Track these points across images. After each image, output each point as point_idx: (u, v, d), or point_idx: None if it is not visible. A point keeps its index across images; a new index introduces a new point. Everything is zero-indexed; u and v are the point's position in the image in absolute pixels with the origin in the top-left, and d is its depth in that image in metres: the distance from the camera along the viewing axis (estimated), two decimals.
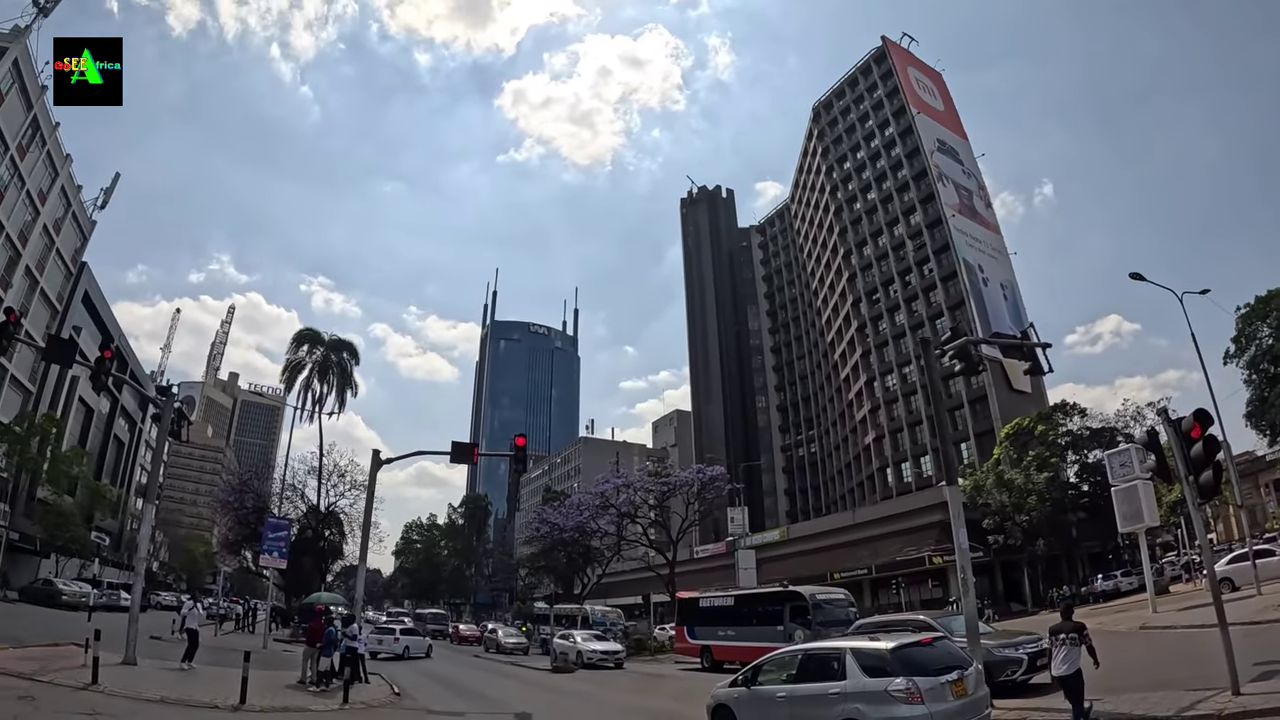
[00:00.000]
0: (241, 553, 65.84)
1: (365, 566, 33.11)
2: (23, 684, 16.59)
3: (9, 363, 55.32)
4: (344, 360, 61.18)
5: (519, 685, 29.26)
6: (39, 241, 61.00)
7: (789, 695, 13.18)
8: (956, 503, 19.01)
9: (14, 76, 51.47)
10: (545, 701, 23.32)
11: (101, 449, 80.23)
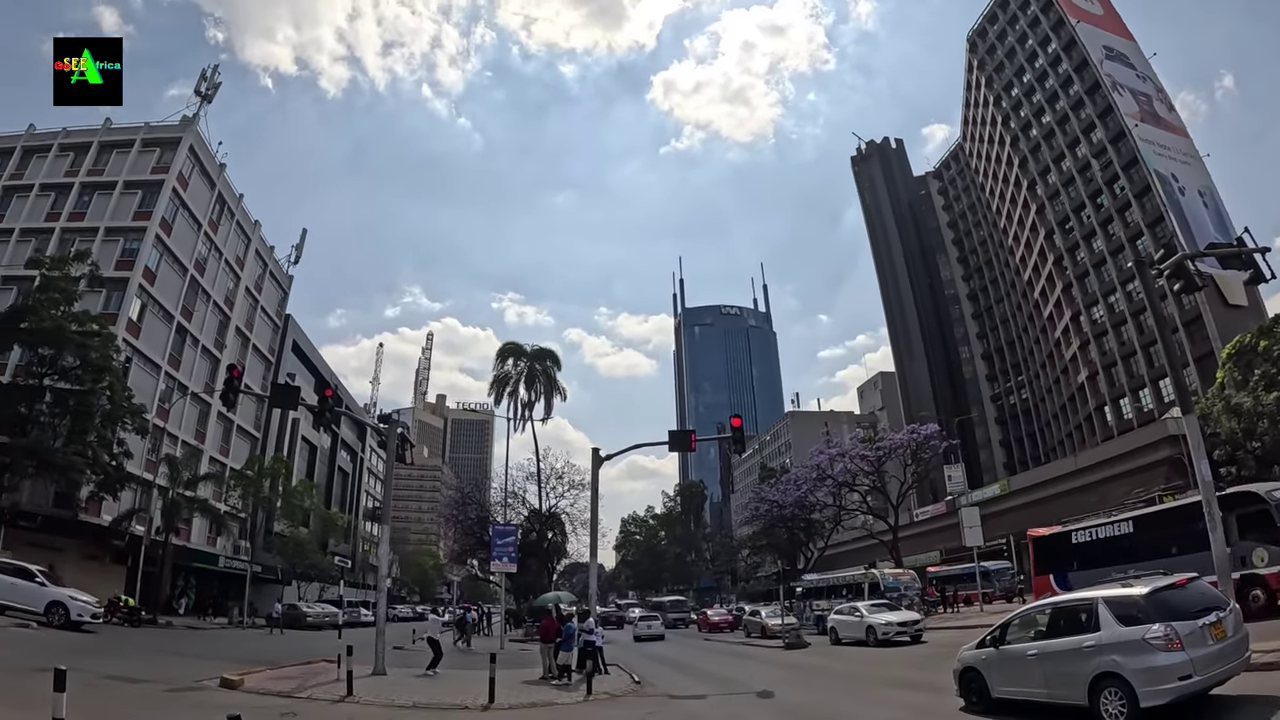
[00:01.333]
0: (469, 562, 69.60)
1: (596, 562, 33.75)
2: (284, 701, 17.34)
3: (234, 415, 61.56)
4: (547, 367, 62.94)
5: (755, 665, 28.49)
6: (244, 302, 67.55)
7: (1040, 652, 12.56)
8: (1195, 432, 17.93)
9: (193, 160, 57.25)
10: (783, 678, 22.86)
11: (328, 480, 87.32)
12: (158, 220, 53.30)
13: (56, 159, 57.80)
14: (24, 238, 54.02)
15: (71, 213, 54.80)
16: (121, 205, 54.31)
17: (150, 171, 55.35)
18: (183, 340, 57.85)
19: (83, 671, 16.74)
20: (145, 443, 48.84)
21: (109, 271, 49.34)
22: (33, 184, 56.70)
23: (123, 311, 49.87)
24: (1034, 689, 12.69)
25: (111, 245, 52.44)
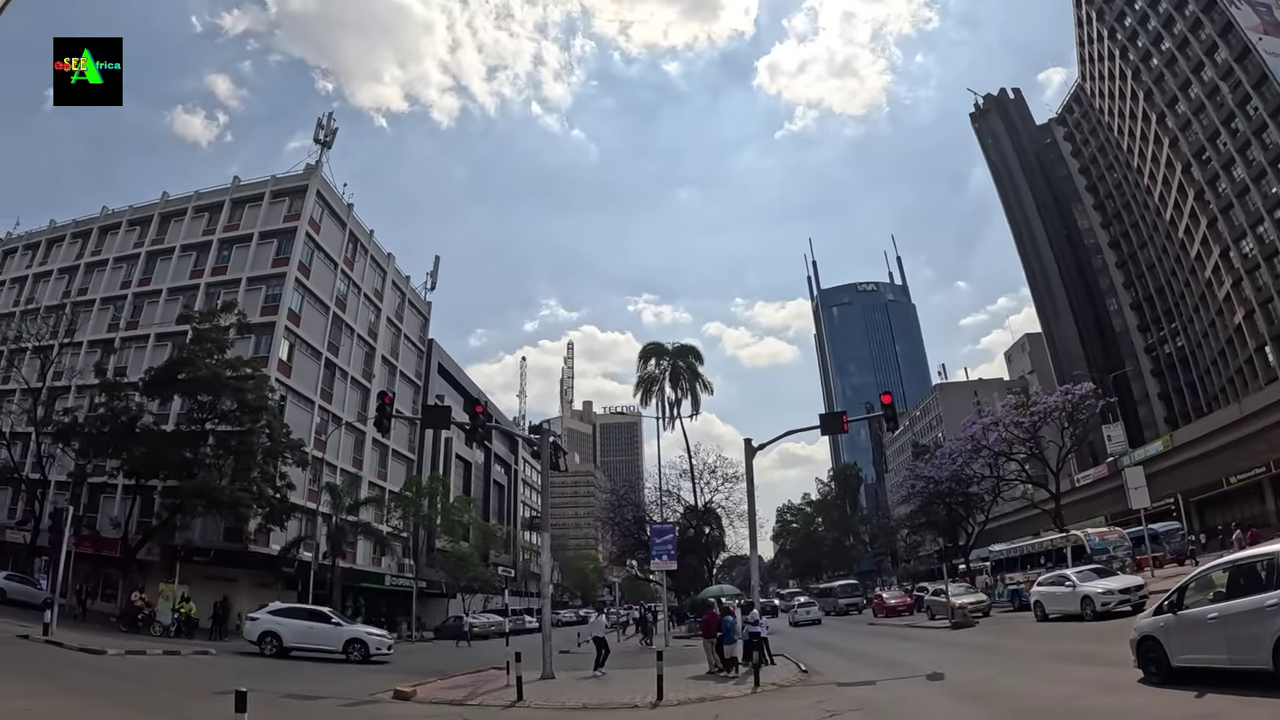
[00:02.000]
0: (628, 562, 70.83)
1: (756, 554, 33.86)
2: (456, 709, 17.80)
3: (389, 440, 64.59)
4: (690, 364, 63.64)
5: (922, 647, 28.05)
6: (387, 332, 70.74)
7: (1221, 614, 11.65)
8: None
9: (322, 204, 60.40)
10: (952, 658, 22.43)
11: (485, 495, 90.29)
12: (295, 264, 56.37)
13: (193, 220, 62.60)
14: (172, 296, 58.81)
15: (214, 268, 59.01)
16: (259, 255, 57.83)
17: (283, 220, 58.65)
18: (332, 374, 61.03)
19: (263, 693, 17.97)
20: (306, 474, 51.86)
21: (255, 318, 52.62)
22: (173, 246, 61.74)
23: (273, 353, 53.02)
24: (1216, 655, 11.89)
25: (255, 293, 55.96)
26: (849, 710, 14.85)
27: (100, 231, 67.95)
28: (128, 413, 45.13)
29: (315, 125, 62.18)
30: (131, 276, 63.04)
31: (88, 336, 60.07)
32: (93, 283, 64.94)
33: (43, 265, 69.71)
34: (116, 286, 63.28)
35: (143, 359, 54.47)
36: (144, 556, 46.32)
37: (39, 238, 72.15)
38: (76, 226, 70.22)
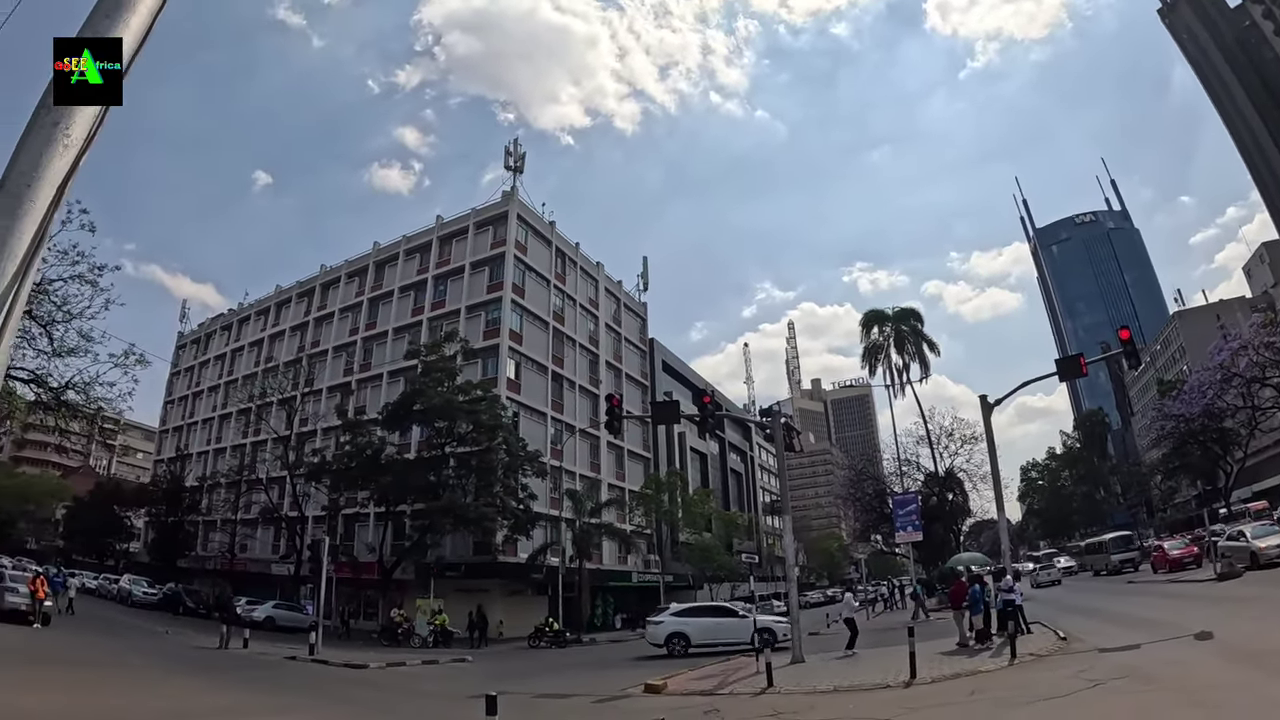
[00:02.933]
0: (872, 537, 69.33)
1: (1004, 516, 33.03)
2: (706, 700, 17.84)
3: (623, 441, 65.92)
4: (914, 326, 61.82)
5: (1184, 603, 26.22)
6: (607, 338, 72.35)
7: None
8: None
9: (524, 226, 62.39)
10: (1220, 614, 20.76)
11: (723, 484, 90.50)
12: (509, 287, 58.52)
13: (406, 263, 67.10)
14: (397, 335, 63.13)
15: (432, 303, 62.66)
16: (474, 284, 60.59)
17: (490, 248, 61.14)
18: (560, 385, 63.16)
19: (516, 694, 19.15)
20: (546, 483, 53.91)
21: (479, 343, 55.42)
22: (392, 289, 66.64)
23: (500, 373, 55.20)
24: None
25: (475, 320, 58.67)
26: (1113, 678, 13.95)
27: (322, 288, 74.81)
28: (371, 447, 48.54)
29: (504, 154, 64.30)
30: (358, 323, 68.44)
31: (326, 383, 66.20)
32: (323, 334, 71.55)
33: (276, 326, 77.97)
34: (345, 334, 69.13)
35: (379, 396, 58.70)
36: (400, 576, 49.51)
37: (268, 303, 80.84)
38: (300, 287, 77.70)
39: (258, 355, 78.47)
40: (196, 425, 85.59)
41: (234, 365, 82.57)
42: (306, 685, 22.46)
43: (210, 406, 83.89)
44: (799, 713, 15.01)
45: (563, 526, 52.19)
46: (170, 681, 20.86)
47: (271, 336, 78.31)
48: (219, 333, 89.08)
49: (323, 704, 18.68)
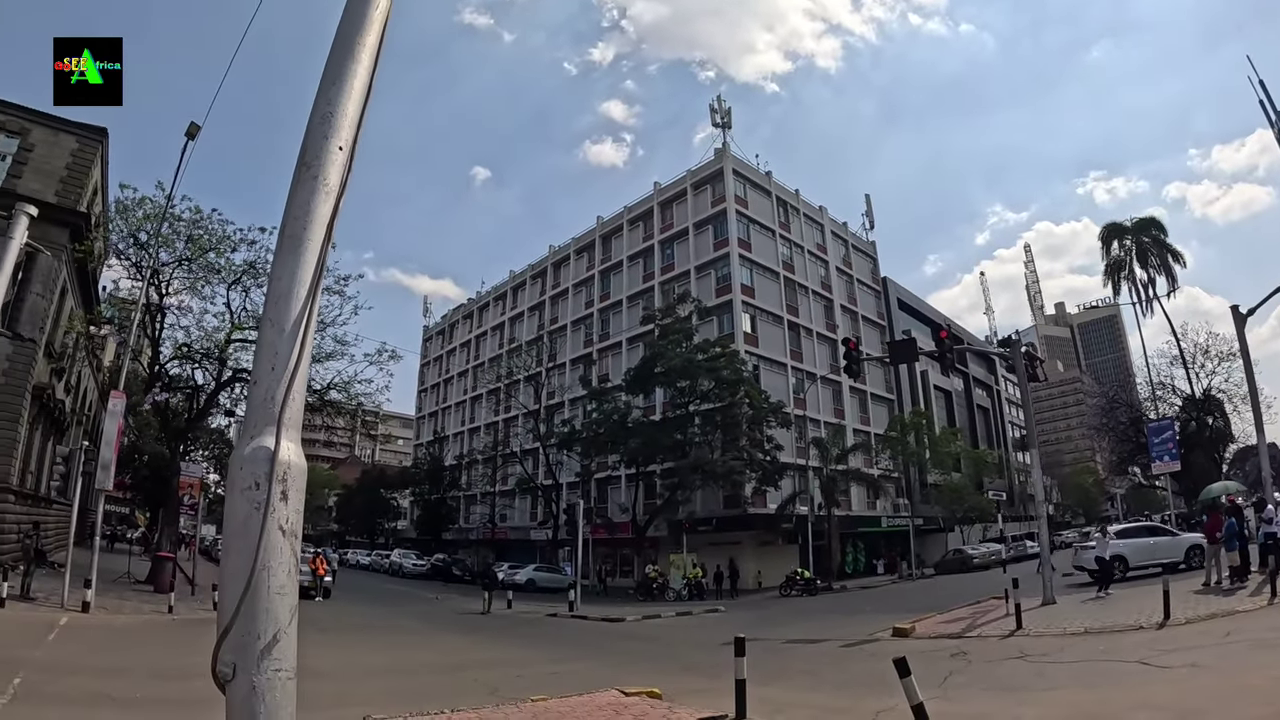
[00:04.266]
0: (1129, 470, 65.39)
1: (1264, 440, 30.29)
2: (954, 643, 17.68)
3: (865, 384, 65.31)
4: (1155, 236, 57.44)
5: None
6: (839, 282, 71.48)
7: None
8: None
9: (741, 180, 62.09)
10: None
11: (969, 421, 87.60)
12: (734, 243, 58.60)
13: (630, 233, 69.17)
14: (631, 303, 65.13)
15: (661, 267, 63.97)
16: (699, 244, 61.28)
17: (710, 207, 61.44)
18: (796, 334, 62.99)
19: (766, 640, 19.51)
20: (791, 433, 54.07)
21: (711, 301, 56.26)
22: (620, 260, 68.71)
23: (736, 328, 55.72)
24: None
25: (705, 279, 59.41)
26: None
27: (553, 267, 78.40)
28: (618, 412, 50.52)
29: (710, 112, 64.68)
30: (592, 296, 70.94)
31: (568, 356, 69.77)
32: (559, 311, 75.03)
33: (514, 309, 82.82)
34: (581, 308, 71.99)
35: (620, 363, 60.85)
36: (653, 533, 51.34)
37: (504, 288, 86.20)
38: (533, 269, 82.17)
39: (500, 338, 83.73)
40: (450, 409, 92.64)
41: (479, 350, 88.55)
42: (568, 639, 23.87)
43: (461, 390, 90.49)
44: (1047, 655, 14.72)
45: (809, 475, 52.08)
46: (442, 639, 22.96)
47: (511, 319, 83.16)
48: (461, 321, 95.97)
49: (584, 653, 19.78)
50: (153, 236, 32.75)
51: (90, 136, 33.69)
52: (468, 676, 15.24)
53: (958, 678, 13.21)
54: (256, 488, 2.63)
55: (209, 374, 37.13)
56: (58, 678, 12.64)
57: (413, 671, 16.43)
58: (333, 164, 3.02)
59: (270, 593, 2.58)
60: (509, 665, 17.26)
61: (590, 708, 11.21)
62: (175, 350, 36.92)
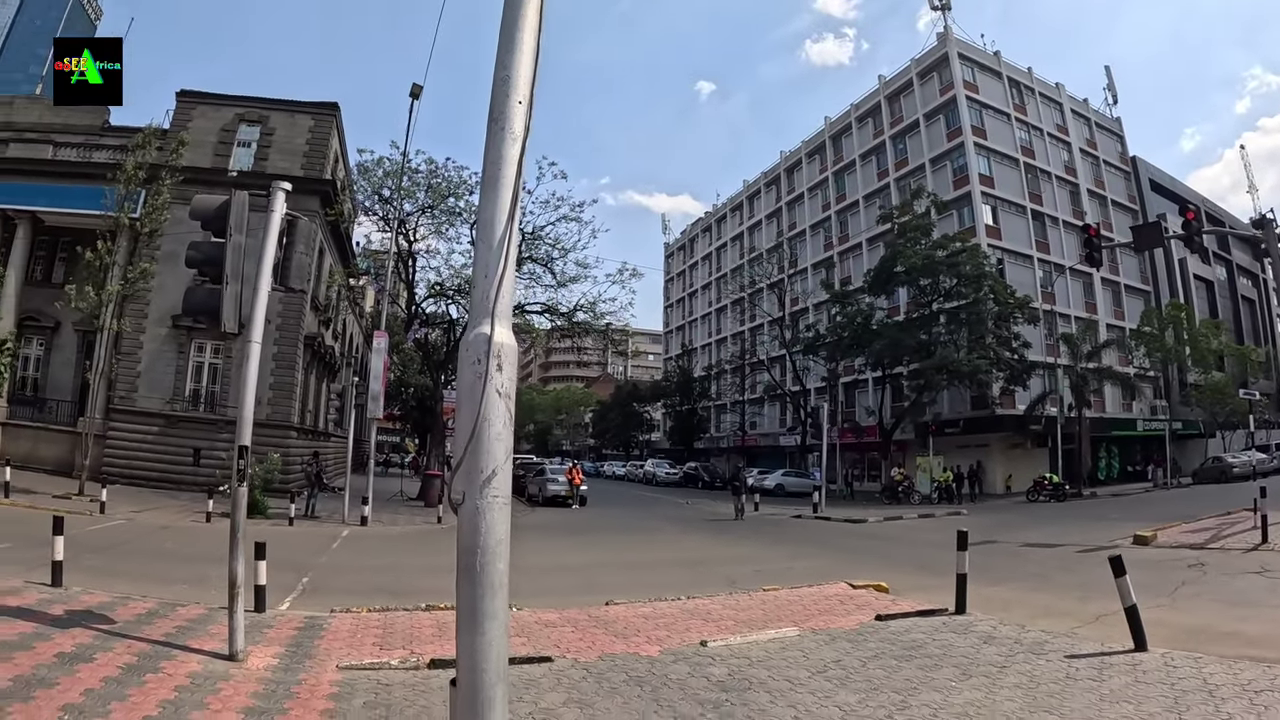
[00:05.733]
0: None
1: None
2: (1193, 553, 17.55)
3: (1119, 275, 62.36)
4: None
5: None
6: (1084, 165, 66.72)
7: None
8: None
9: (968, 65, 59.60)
10: None
11: (1234, 314, 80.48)
12: (967, 131, 56.35)
13: (860, 131, 68.51)
14: (868, 202, 64.22)
15: (895, 163, 62.45)
16: (931, 135, 59.36)
17: (939, 95, 59.21)
18: (1041, 224, 60.09)
19: (1004, 542, 20.68)
20: (1039, 329, 52.00)
21: (949, 194, 54.48)
22: (852, 159, 67.90)
23: (977, 221, 54.10)
24: None
25: (940, 172, 57.63)
26: None
27: (786, 173, 78.06)
28: (861, 314, 50.20)
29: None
30: (828, 198, 70.33)
31: (808, 261, 69.71)
32: (797, 216, 74.87)
33: (751, 218, 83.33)
34: (818, 211, 71.51)
35: (860, 264, 60.44)
36: (899, 436, 51.33)
37: (739, 198, 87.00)
38: (766, 177, 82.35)
39: (740, 248, 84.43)
40: (696, 321, 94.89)
41: (720, 261, 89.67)
42: (808, 538, 25.07)
43: (706, 303, 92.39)
44: None
45: (1059, 374, 50.04)
46: (687, 539, 24.72)
47: (749, 228, 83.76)
48: (700, 235, 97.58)
49: (822, 551, 20.91)
50: (395, 191, 35.77)
51: (324, 113, 37.58)
52: (708, 571, 16.58)
53: (1189, 588, 13.27)
54: (478, 362, 3.43)
55: (462, 308, 39.73)
56: (341, 575, 15.20)
57: (658, 567, 17.99)
58: (516, 117, 3.72)
59: (490, 439, 3.39)
60: (749, 561, 18.47)
61: (818, 597, 12.14)
62: (429, 290, 40.02)
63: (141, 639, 8.44)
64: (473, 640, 3.29)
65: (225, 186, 28.55)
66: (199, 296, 8.47)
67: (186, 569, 14.22)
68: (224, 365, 34.36)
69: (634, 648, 8.95)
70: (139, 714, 6.12)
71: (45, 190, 35.79)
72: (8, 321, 33.38)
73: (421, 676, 7.68)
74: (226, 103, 37.11)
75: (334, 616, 10.41)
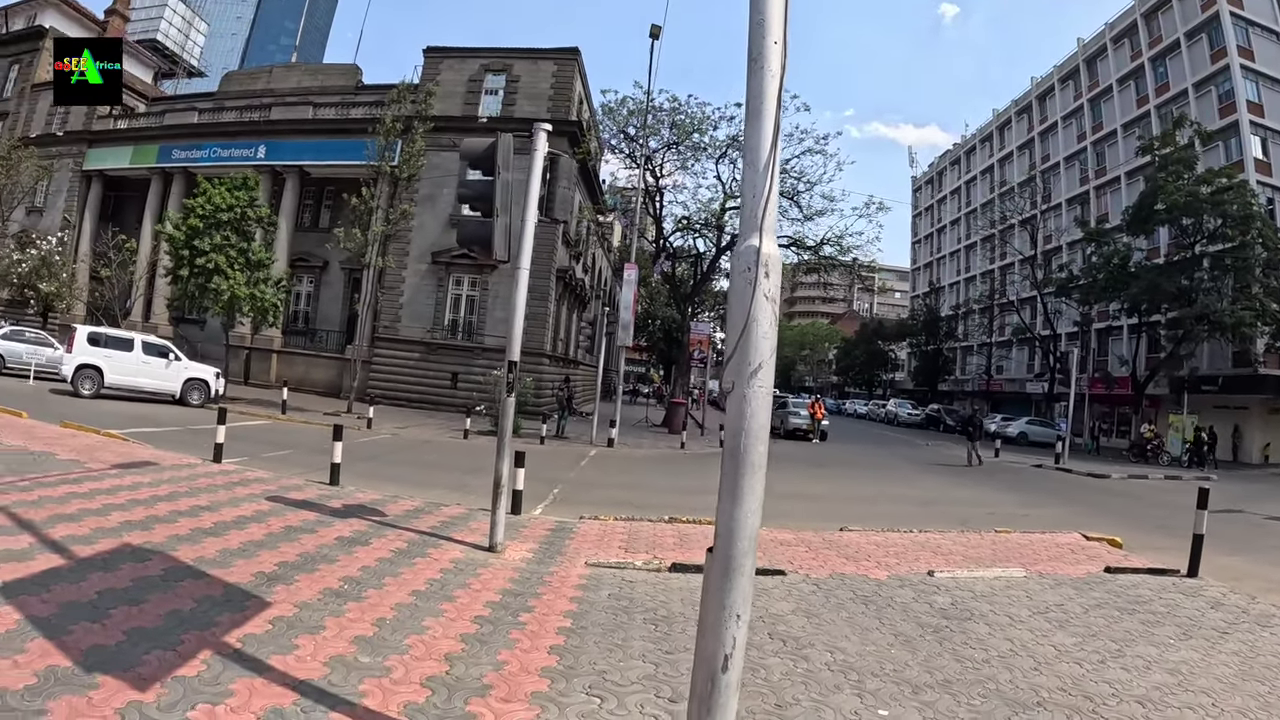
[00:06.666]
0: None
1: None
2: None
3: None
4: None
5: None
6: None
7: None
8: None
9: None
10: None
11: None
12: (1233, 51, 50.76)
13: (1115, 52, 62.45)
14: (1126, 132, 58.87)
15: (1155, 89, 57.18)
16: (1193, 57, 53.71)
17: (1200, 10, 53.21)
18: None
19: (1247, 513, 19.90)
20: None
21: (1213, 124, 49.30)
22: (1109, 84, 62.52)
23: (1245, 154, 48.97)
24: None
25: (1204, 98, 52.43)
26: None
27: (1038, 101, 73.47)
28: (1118, 255, 46.72)
29: None
30: (1083, 128, 65.74)
31: (1063, 196, 65.57)
32: (1050, 147, 70.40)
33: (1002, 150, 79.14)
34: (1073, 142, 66.94)
35: (1118, 200, 56.49)
36: (1152, 390, 48.09)
37: (989, 129, 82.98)
38: (1016, 105, 77.86)
39: (990, 181, 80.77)
40: (944, 259, 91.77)
41: (969, 196, 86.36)
42: (1046, 488, 24.68)
43: (954, 239, 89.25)
44: None
45: None
46: (923, 479, 24.98)
47: (999, 161, 79.82)
48: (949, 168, 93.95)
49: (1059, 502, 20.75)
50: (639, 129, 36.62)
51: (565, 58, 39.37)
52: (940, 510, 17.04)
53: None
54: (748, 270, 3.90)
55: (709, 241, 40.39)
56: (588, 489, 16.77)
57: (891, 501, 18.52)
58: (772, 56, 4.08)
59: (758, 337, 3.87)
60: (981, 505, 18.75)
61: (1049, 544, 12.30)
62: (676, 224, 40.79)
63: (410, 529, 10.05)
64: (732, 511, 3.88)
65: (476, 133, 31.52)
66: (471, 229, 9.55)
67: (446, 477, 16.55)
68: (480, 297, 37.71)
69: (863, 570, 9.59)
70: (409, 588, 7.38)
71: (309, 146, 41.04)
72: (281, 262, 37.56)
73: (662, 578, 8.67)
74: (471, 55, 39.92)
75: (582, 522, 11.80)
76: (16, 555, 6.80)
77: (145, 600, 6.05)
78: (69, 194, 47.79)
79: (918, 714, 5.22)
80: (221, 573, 7.07)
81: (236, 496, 10.91)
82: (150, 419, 21.05)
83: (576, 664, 5.74)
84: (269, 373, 39.18)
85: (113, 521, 8.49)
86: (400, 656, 5.53)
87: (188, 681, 4.71)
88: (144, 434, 17.02)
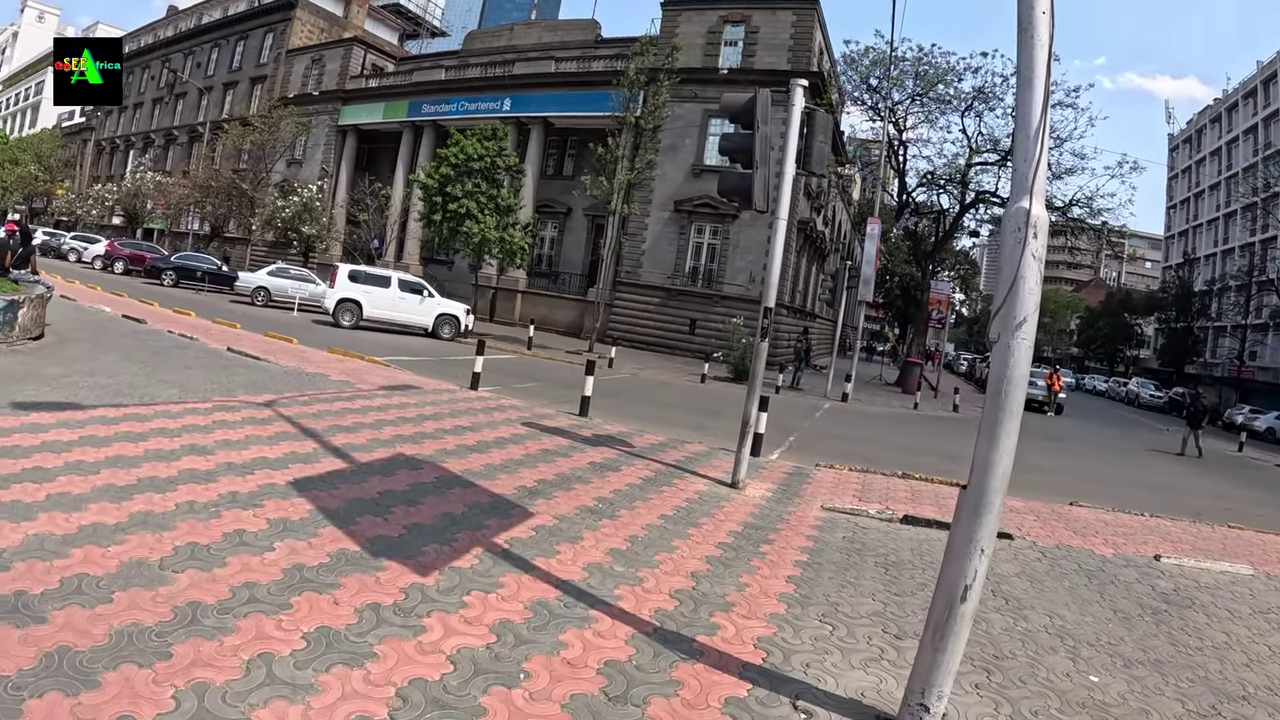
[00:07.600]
0: None
1: None
2: None
3: None
4: None
5: None
6: None
7: None
8: None
9: None
10: None
11: None
12: None
13: None
14: None
15: None
16: None
17: None
18: None
19: None
20: None
21: None
22: None
23: None
24: None
25: None
26: None
27: None
28: None
29: None
30: None
31: None
32: None
33: (1268, 107, 69.87)
34: None
35: None
36: None
37: (1253, 82, 73.57)
38: None
39: (1254, 143, 71.74)
40: (1201, 227, 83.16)
41: (1231, 158, 77.44)
42: None
43: (1213, 206, 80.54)
44: None
45: None
46: (1154, 464, 23.89)
47: (1265, 120, 70.47)
48: (1209, 126, 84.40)
49: None
50: (882, 80, 35.79)
51: (805, 7, 38.96)
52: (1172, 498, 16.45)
53: None
54: (1019, 230, 4.10)
55: (953, 198, 39.29)
56: (822, 440, 17.26)
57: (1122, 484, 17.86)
58: (1041, 26, 4.24)
59: (1024, 293, 4.07)
60: (1218, 498, 17.91)
61: None
62: (919, 179, 39.76)
63: (656, 460, 10.83)
64: (988, 451, 4.16)
65: (717, 84, 32.48)
66: (732, 180, 9.73)
67: (685, 417, 17.52)
68: (720, 245, 38.61)
69: (1089, 545, 9.54)
70: (658, 512, 7.98)
71: (552, 99, 43.42)
72: (528, 208, 39.53)
73: (894, 528, 8.93)
74: (709, 6, 40.46)
75: (818, 470, 12.32)
76: (303, 458, 7.81)
77: (421, 502, 6.88)
78: (326, 147, 53.47)
79: (1126, 685, 5.31)
80: (487, 484, 7.89)
81: (494, 420, 11.95)
82: (405, 349, 23.03)
83: (811, 594, 6.12)
84: (513, 311, 41.91)
85: (386, 435, 9.55)
86: (651, 570, 6.08)
87: (463, 572, 5.42)
88: (401, 361, 18.73)
